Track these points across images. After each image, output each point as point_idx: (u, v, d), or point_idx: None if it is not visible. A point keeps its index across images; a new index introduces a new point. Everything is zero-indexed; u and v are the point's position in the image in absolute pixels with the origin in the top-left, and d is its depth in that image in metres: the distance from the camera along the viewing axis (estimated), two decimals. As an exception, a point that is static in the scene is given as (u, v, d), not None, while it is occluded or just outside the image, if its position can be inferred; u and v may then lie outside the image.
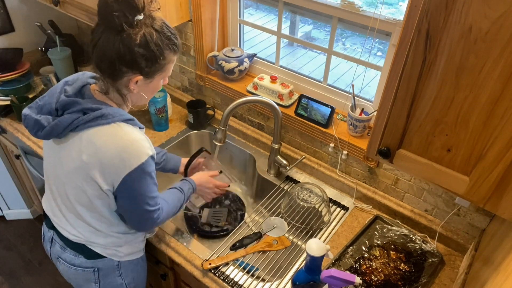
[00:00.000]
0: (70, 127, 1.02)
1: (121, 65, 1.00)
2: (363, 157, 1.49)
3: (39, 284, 2.32)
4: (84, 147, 1.04)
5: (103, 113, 1.03)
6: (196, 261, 1.35)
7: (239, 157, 1.86)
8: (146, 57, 1.00)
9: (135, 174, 1.05)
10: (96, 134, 1.03)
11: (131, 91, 1.07)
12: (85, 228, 1.19)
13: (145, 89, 1.10)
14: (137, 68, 1.01)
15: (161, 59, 1.03)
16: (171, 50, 1.05)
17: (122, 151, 1.03)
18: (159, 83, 1.12)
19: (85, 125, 1.02)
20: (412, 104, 0.89)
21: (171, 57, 1.07)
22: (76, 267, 1.26)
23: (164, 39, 1.02)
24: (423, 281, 1.28)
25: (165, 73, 1.10)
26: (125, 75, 1.03)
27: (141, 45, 0.98)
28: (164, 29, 1.02)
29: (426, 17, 0.78)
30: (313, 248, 1.17)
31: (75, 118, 1.02)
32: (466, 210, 1.36)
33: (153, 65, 1.03)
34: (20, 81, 1.94)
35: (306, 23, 3.74)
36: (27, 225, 2.62)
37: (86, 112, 1.03)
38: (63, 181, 1.13)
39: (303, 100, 1.58)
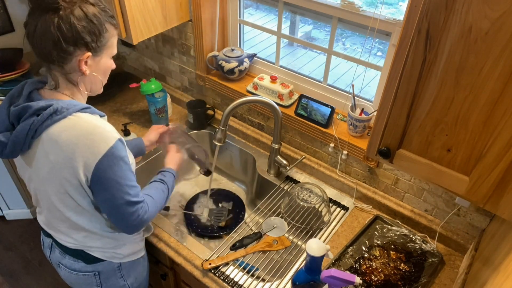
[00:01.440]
0: (30, 133, 0.98)
1: (67, 44, 0.96)
2: (363, 157, 1.49)
3: (39, 284, 2.32)
4: (48, 148, 1.00)
5: (55, 108, 0.98)
6: (196, 261, 1.35)
7: (239, 157, 1.86)
8: (88, 30, 0.97)
9: (107, 159, 0.99)
10: (55, 131, 0.99)
11: (84, 72, 1.02)
12: (78, 233, 1.17)
13: (96, 69, 1.05)
14: (83, 44, 0.98)
15: (103, 31, 1.01)
16: (110, 23, 1.03)
17: (86, 139, 0.98)
18: (108, 62, 1.08)
19: (42, 126, 0.98)
20: (412, 104, 0.89)
21: (112, 30, 1.04)
22: (77, 272, 1.25)
23: (102, 11, 1.00)
24: (423, 281, 1.28)
25: (111, 49, 1.07)
26: (73, 55, 0.98)
27: (80, 18, 0.95)
28: (98, 2, 1.01)
29: (426, 17, 0.78)
30: (313, 248, 1.17)
31: (31, 122, 0.98)
32: (466, 210, 1.36)
33: (98, 38, 1.00)
34: (20, 81, 1.92)
35: (306, 23, 3.74)
36: (27, 225, 2.62)
37: (39, 113, 0.99)
38: (45, 191, 1.09)
39: (303, 100, 1.58)
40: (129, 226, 1.13)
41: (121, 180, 1.04)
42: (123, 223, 1.11)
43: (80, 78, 1.04)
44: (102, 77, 1.09)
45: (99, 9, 0.99)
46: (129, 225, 1.12)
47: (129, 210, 1.08)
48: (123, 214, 1.08)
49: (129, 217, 1.09)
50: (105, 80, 1.11)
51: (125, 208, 1.07)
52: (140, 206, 1.10)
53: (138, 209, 1.10)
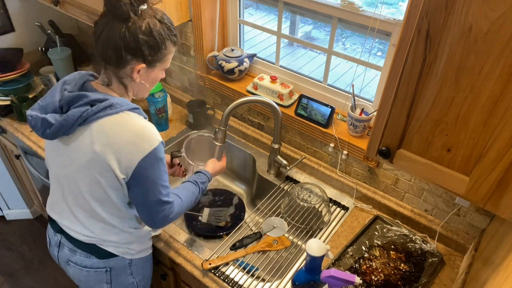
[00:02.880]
0: (79, 120, 1.03)
1: (126, 53, 1.02)
2: (363, 157, 1.49)
3: (39, 284, 2.32)
4: (96, 138, 1.05)
5: (111, 103, 1.05)
6: (196, 261, 1.35)
7: (239, 157, 1.86)
8: (149, 44, 1.03)
9: (149, 159, 1.06)
10: (107, 123, 1.05)
11: (134, 80, 1.09)
12: (98, 225, 1.19)
13: (146, 79, 1.12)
14: (141, 55, 1.04)
15: (163, 48, 1.07)
16: (171, 40, 1.09)
17: (135, 137, 1.05)
18: (159, 74, 1.15)
19: (94, 116, 1.04)
20: (412, 104, 0.89)
21: (171, 47, 1.10)
22: (88, 269, 1.25)
23: (166, 29, 1.06)
24: (423, 281, 1.28)
25: (165, 63, 1.13)
26: (129, 63, 1.05)
27: (145, 33, 1.02)
28: (165, 19, 1.07)
29: (426, 17, 0.78)
30: (313, 248, 1.17)
31: (84, 110, 1.03)
32: (466, 210, 1.36)
33: (155, 53, 1.06)
34: (20, 81, 1.94)
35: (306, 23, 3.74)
36: (27, 225, 2.62)
37: (93, 104, 1.05)
38: (75, 178, 1.12)
39: (303, 100, 1.58)
40: (154, 222, 1.19)
41: (157, 180, 1.10)
42: (150, 218, 1.17)
43: (130, 83, 1.11)
44: (149, 86, 1.16)
45: (164, 26, 1.05)
46: (155, 221, 1.18)
47: (158, 208, 1.14)
48: (152, 211, 1.15)
49: (157, 214, 1.15)
50: (152, 88, 1.19)
51: (155, 205, 1.13)
52: (168, 206, 1.16)
53: (166, 209, 1.16)
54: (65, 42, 2.13)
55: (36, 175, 1.95)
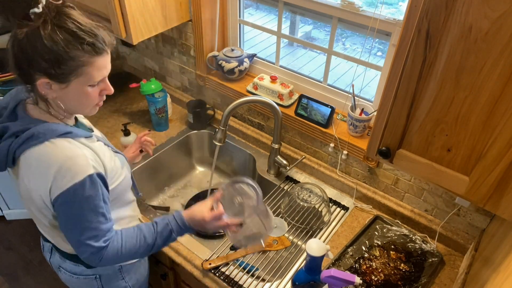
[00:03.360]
0: (10, 153, 0.96)
1: (22, 66, 0.90)
2: (363, 157, 1.49)
3: (39, 284, 2.32)
4: (24, 172, 0.98)
5: (32, 133, 0.94)
6: (196, 261, 1.35)
7: (239, 157, 1.86)
8: (43, 56, 0.87)
9: (67, 195, 0.94)
10: (30, 156, 0.95)
11: (45, 95, 0.95)
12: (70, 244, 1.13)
13: (63, 96, 0.95)
14: (38, 69, 0.89)
15: (66, 59, 0.88)
16: (81, 49, 0.89)
17: (53, 171, 0.94)
18: (84, 89, 0.95)
19: (20, 148, 0.95)
20: (412, 104, 0.89)
21: (85, 58, 0.91)
22: (77, 276, 1.24)
23: (69, 36, 0.88)
24: (423, 281, 1.28)
25: (85, 78, 0.93)
26: (33, 77, 0.91)
27: (34, 43, 0.86)
28: (70, 25, 0.88)
29: (426, 17, 0.78)
30: (313, 248, 1.17)
31: (9, 144, 0.95)
32: (466, 210, 1.36)
33: (56, 66, 0.89)
34: (20, 81, 1.94)
35: (306, 23, 3.74)
36: (27, 225, 2.62)
37: (18, 135, 0.96)
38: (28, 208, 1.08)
39: (303, 100, 1.58)
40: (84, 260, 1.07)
41: (76, 220, 0.99)
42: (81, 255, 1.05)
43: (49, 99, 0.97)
44: (76, 104, 0.99)
45: (67, 34, 0.87)
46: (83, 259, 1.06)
47: (79, 249, 1.03)
48: (75, 249, 1.05)
49: (80, 254, 1.05)
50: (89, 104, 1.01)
51: (75, 245, 1.04)
52: (91, 251, 1.02)
53: (87, 252, 1.02)
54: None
55: (36, 175, 1.95)
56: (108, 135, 1.85)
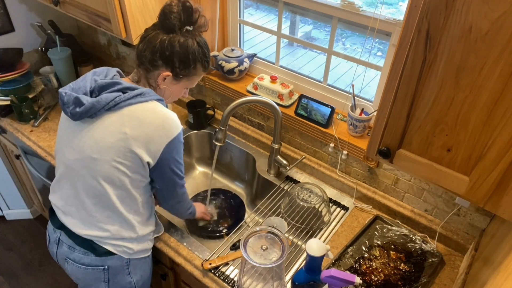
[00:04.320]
0: (110, 104, 1.11)
1: (159, 58, 1.14)
2: (363, 157, 1.49)
3: (39, 284, 2.32)
4: (127, 121, 1.12)
5: (142, 91, 1.15)
6: (196, 261, 1.35)
7: (239, 157, 1.86)
8: (181, 58, 1.15)
9: (174, 142, 1.17)
10: (138, 109, 1.13)
11: (159, 85, 1.19)
12: (102, 212, 1.21)
13: (169, 88, 1.22)
14: (171, 65, 1.15)
15: (192, 66, 1.18)
16: (202, 64, 1.20)
17: (163, 123, 1.15)
18: (182, 90, 1.26)
19: (126, 102, 1.12)
20: (412, 104, 0.89)
21: (200, 70, 1.21)
22: (85, 266, 1.26)
23: (201, 53, 1.18)
24: (423, 281, 1.28)
25: (190, 82, 1.24)
26: (159, 68, 1.16)
27: (181, 47, 1.13)
28: (203, 45, 1.18)
29: (426, 17, 0.78)
30: (313, 248, 1.17)
31: (116, 95, 1.12)
32: (466, 210, 1.36)
33: (184, 68, 1.17)
34: (20, 81, 1.94)
35: (306, 23, 3.74)
36: (27, 225, 2.63)
37: (125, 91, 1.14)
38: (93, 159, 1.15)
39: (303, 100, 1.58)
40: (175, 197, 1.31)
41: (179, 159, 1.23)
42: (170, 192, 1.29)
43: (155, 86, 1.21)
44: (169, 97, 1.26)
45: (200, 50, 1.17)
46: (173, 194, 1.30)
47: (178, 181, 1.26)
48: (173, 184, 1.26)
49: (180, 188, 1.29)
50: (171, 101, 1.30)
51: (175, 178, 1.25)
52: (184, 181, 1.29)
53: (183, 182, 1.29)
54: (65, 42, 2.13)
55: (36, 175, 1.95)
56: (108, 135, 1.86)
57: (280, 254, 1.14)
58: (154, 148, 1.15)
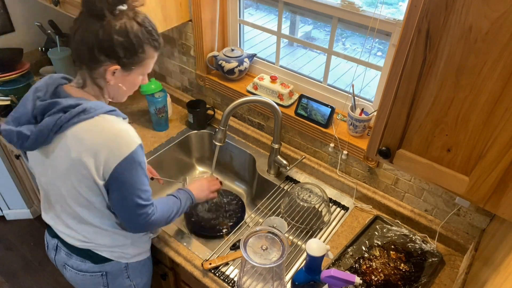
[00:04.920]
0: (54, 128, 1.01)
1: (100, 52, 0.99)
2: (363, 157, 1.49)
3: (39, 284, 2.32)
4: (72, 145, 1.02)
5: (84, 107, 1.01)
6: (196, 261, 1.35)
7: (239, 157, 1.86)
8: (124, 46, 1.00)
9: (126, 163, 1.03)
10: (81, 129, 1.02)
11: (108, 81, 1.05)
12: (89, 230, 1.18)
13: (122, 82, 1.09)
14: (115, 56, 1.01)
15: (139, 51, 1.03)
16: (151, 45, 1.05)
17: (110, 142, 1.02)
18: (138, 79, 1.11)
19: (68, 123, 1.01)
20: (412, 104, 0.89)
21: (151, 52, 1.07)
22: (83, 273, 1.25)
23: (145, 32, 1.02)
24: (423, 281, 1.28)
25: (144, 68, 1.09)
26: (103, 64, 1.02)
27: (120, 34, 0.98)
28: (146, 23, 1.03)
29: (426, 17, 0.78)
30: (313, 248, 1.17)
31: (57, 118, 1.00)
32: (466, 210, 1.36)
33: (131, 56, 1.03)
34: (20, 81, 1.94)
35: (306, 23, 3.74)
36: (27, 225, 2.62)
37: (67, 110, 1.01)
38: (58, 186, 1.11)
39: (303, 100, 1.58)
40: (136, 226, 1.17)
41: (135, 184, 1.07)
42: (131, 223, 1.16)
43: (105, 85, 1.07)
44: (127, 90, 1.13)
45: (144, 29, 1.02)
46: (136, 225, 1.16)
47: (138, 212, 1.12)
48: (132, 215, 1.12)
49: (137, 218, 1.13)
50: (130, 92, 1.15)
51: (134, 209, 1.11)
52: (148, 209, 1.14)
53: (146, 212, 1.13)
54: (65, 42, 2.13)
55: (36, 175, 1.95)
56: (108, 135, 1.86)
57: (280, 254, 1.13)
58: (103, 170, 1.03)
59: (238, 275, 1.25)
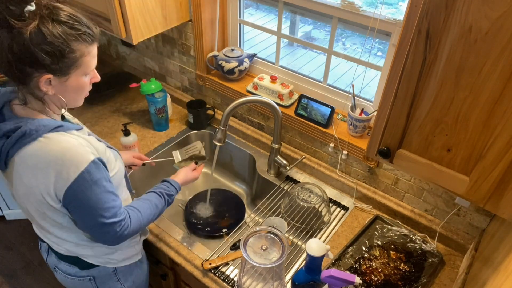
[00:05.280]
0: (2, 156, 0.95)
1: (22, 65, 0.88)
2: (363, 157, 1.49)
3: (39, 284, 2.32)
4: (21, 171, 0.97)
5: (24, 131, 0.93)
6: (196, 261, 1.35)
7: (239, 157, 1.86)
8: (47, 52, 0.87)
9: (77, 185, 0.95)
10: (26, 154, 0.95)
11: (46, 92, 0.94)
12: (68, 244, 1.15)
13: (63, 89, 0.96)
14: (41, 66, 0.89)
15: (67, 52, 0.90)
16: (80, 40, 0.92)
17: (56, 165, 0.94)
18: (81, 80, 0.98)
19: (13, 148, 0.94)
20: (412, 104, 0.89)
21: (83, 49, 0.93)
22: (72, 277, 1.24)
23: (68, 29, 0.89)
24: (423, 281, 1.28)
25: (83, 68, 0.96)
26: (32, 76, 0.91)
27: (37, 40, 0.86)
28: (64, 17, 0.89)
29: (426, 17, 0.78)
30: (313, 248, 1.17)
31: (1, 145, 0.94)
32: (466, 210, 1.36)
33: (59, 60, 0.90)
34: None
35: (306, 23, 3.74)
36: (27, 225, 2.62)
37: (8, 135, 0.94)
38: (25, 207, 1.07)
39: (303, 100, 1.58)
40: (108, 243, 1.13)
41: (94, 205, 1.00)
42: (101, 240, 1.11)
43: (46, 96, 0.97)
44: (76, 94, 1.00)
45: (65, 27, 0.89)
46: (108, 242, 1.12)
47: (104, 230, 1.05)
48: (99, 234, 1.07)
49: (105, 235, 1.07)
50: (82, 95, 1.03)
51: (99, 228, 1.04)
52: (117, 227, 1.06)
53: (114, 229, 1.06)
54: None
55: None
56: (108, 135, 1.86)
57: (280, 254, 1.14)
58: (56, 194, 0.97)
59: (238, 275, 1.25)
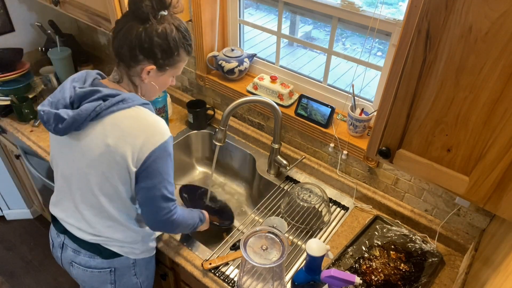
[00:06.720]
0: (92, 115, 1.06)
1: (139, 52, 1.06)
2: (363, 157, 1.49)
3: (39, 284, 2.32)
4: (109, 131, 1.07)
5: (124, 97, 1.08)
6: (196, 261, 1.35)
7: (239, 157, 1.86)
8: (162, 48, 1.07)
9: (158, 151, 1.09)
10: (119, 117, 1.08)
11: (143, 80, 1.12)
12: (104, 223, 1.19)
13: (155, 81, 1.15)
14: (153, 57, 1.08)
15: (175, 54, 1.11)
16: (185, 49, 1.13)
17: (146, 130, 1.08)
18: (169, 79, 1.19)
19: (107, 110, 1.07)
20: (412, 104, 0.89)
21: (184, 56, 1.14)
22: (92, 269, 1.25)
23: (181, 37, 1.10)
24: (423, 281, 1.28)
25: (176, 70, 1.17)
26: (141, 63, 1.09)
27: (160, 36, 1.06)
28: (182, 28, 1.11)
29: (426, 17, 0.78)
30: (313, 248, 1.17)
31: (97, 105, 1.06)
32: (466, 210, 1.36)
33: (167, 57, 1.10)
34: (20, 81, 1.94)
35: (306, 23, 3.74)
36: (27, 225, 2.62)
37: (106, 98, 1.08)
38: (85, 173, 1.13)
39: (303, 100, 1.58)
40: (156, 221, 1.19)
41: (164, 174, 1.12)
42: (152, 215, 1.18)
43: (140, 82, 1.14)
44: (158, 89, 1.19)
45: (180, 34, 1.10)
46: (156, 218, 1.18)
47: (163, 204, 1.15)
48: (156, 207, 1.15)
49: (159, 211, 1.15)
50: (160, 92, 1.23)
51: (159, 200, 1.14)
52: (172, 205, 1.17)
53: (170, 206, 1.16)
54: (65, 42, 2.13)
55: (36, 175, 1.95)
56: (108, 135, 1.85)
57: (280, 254, 1.14)
58: (137, 156, 1.08)
59: (238, 275, 1.25)
